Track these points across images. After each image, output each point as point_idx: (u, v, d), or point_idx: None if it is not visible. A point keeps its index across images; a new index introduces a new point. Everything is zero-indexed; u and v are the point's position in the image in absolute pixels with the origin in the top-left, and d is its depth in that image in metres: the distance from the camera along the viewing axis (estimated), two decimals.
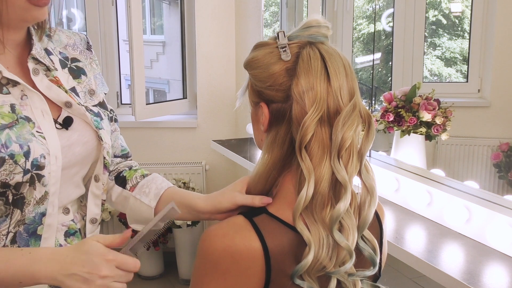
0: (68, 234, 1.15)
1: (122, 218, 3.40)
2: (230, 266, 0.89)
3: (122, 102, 3.88)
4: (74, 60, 1.19)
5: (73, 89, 1.15)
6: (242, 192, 1.03)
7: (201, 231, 3.42)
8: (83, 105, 1.14)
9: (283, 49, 0.91)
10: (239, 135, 3.49)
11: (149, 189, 1.20)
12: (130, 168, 1.29)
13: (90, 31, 3.71)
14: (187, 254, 3.43)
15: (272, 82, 0.92)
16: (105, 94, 1.26)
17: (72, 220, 1.15)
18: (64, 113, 1.10)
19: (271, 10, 3.56)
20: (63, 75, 1.15)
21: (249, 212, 0.93)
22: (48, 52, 1.13)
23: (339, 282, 0.91)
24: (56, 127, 1.07)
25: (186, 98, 3.81)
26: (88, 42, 1.25)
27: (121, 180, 1.25)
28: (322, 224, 0.89)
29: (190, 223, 3.28)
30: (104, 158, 1.16)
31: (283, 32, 0.93)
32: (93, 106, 1.18)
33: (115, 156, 1.30)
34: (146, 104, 3.46)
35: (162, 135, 3.63)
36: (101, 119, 1.17)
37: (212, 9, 3.50)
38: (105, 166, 1.17)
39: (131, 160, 1.35)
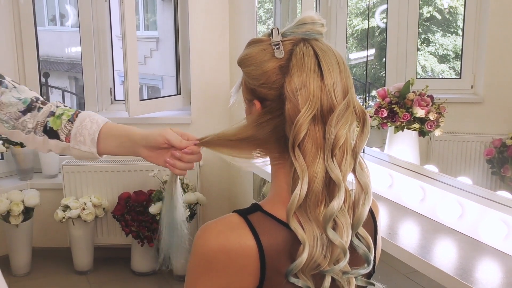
0: None
1: (116, 215, 3.40)
2: (224, 264, 0.89)
3: (116, 99, 3.87)
4: None
5: None
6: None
7: (195, 228, 3.42)
8: None
9: (277, 47, 0.91)
10: None
11: (83, 137, 1.23)
12: (53, 114, 1.26)
13: (83, 27, 3.70)
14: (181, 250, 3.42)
15: (265, 80, 0.91)
16: None
17: None
18: None
19: (265, 6, 3.56)
20: None
21: (244, 210, 0.93)
22: None
23: (333, 280, 0.91)
24: None
25: (180, 94, 3.80)
26: None
27: (51, 133, 1.25)
28: (316, 222, 0.88)
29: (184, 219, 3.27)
30: None
31: (277, 28, 0.93)
32: None
33: (22, 112, 1.26)
34: (140, 100, 3.45)
35: None
36: None
37: (206, 5, 3.49)
38: None
39: (44, 103, 1.29)
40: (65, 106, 1.30)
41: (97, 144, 1.23)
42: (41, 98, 1.31)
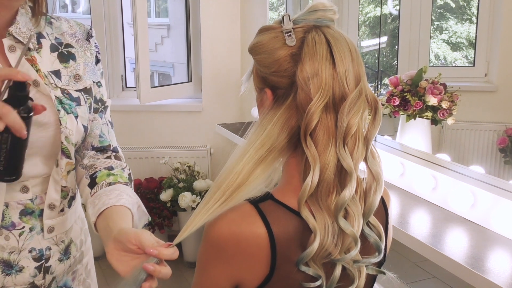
0: (25, 213, 1.16)
1: None
2: (235, 252, 0.89)
3: (127, 86, 3.88)
4: (68, 46, 1.23)
5: (57, 72, 1.18)
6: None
7: None
8: (60, 87, 1.17)
9: (288, 34, 0.90)
10: (244, 118, 3.48)
11: (98, 200, 1.13)
12: (109, 169, 1.23)
13: (94, 14, 3.70)
14: (192, 237, 3.42)
15: (277, 68, 0.90)
16: (96, 83, 1.26)
17: (31, 199, 1.16)
18: (31, 91, 1.11)
19: None
20: (49, 58, 1.18)
21: (255, 199, 0.92)
22: (40, 36, 1.18)
23: (344, 269, 0.91)
24: None
25: (191, 81, 3.80)
26: (88, 33, 1.29)
27: (92, 183, 1.20)
28: (328, 211, 0.88)
29: (195, 206, 3.29)
30: (62, 143, 1.15)
31: (288, 15, 0.92)
32: (75, 90, 1.20)
33: (93, 148, 1.27)
34: (151, 87, 3.46)
35: (167, 119, 3.63)
36: (78, 104, 1.19)
37: None
38: (63, 151, 1.16)
39: (117, 157, 1.29)
40: (129, 174, 1.25)
41: (98, 216, 1.10)
42: (120, 153, 1.30)
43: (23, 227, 1.16)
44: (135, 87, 3.54)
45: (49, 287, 1.23)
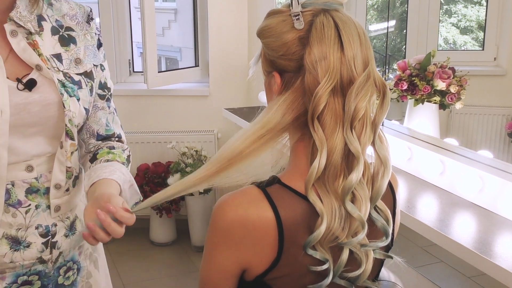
0: (30, 191, 1.20)
1: None
2: (242, 236, 0.89)
3: (134, 70, 3.87)
4: (68, 29, 1.25)
5: (58, 55, 1.21)
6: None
7: (213, 199, 3.45)
8: (62, 71, 1.19)
9: (296, 17, 0.89)
10: (251, 103, 3.48)
11: (94, 173, 1.21)
12: (110, 148, 1.30)
13: None
14: (200, 222, 3.46)
15: (285, 51, 0.90)
16: (99, 66, 1.29)
17: (36, 178, 1.20)
18: (34, 75, 1.15)
19: None
20: (51, 41, 1.20)
21: (262, 183, 0.93)
22: (40, 18, 1.20)
23: (351, 252, 0.91)
24: (18, 88, 1.13)
25: (198, 66, 3.79)
26: (89, 16, 1.30)
27: (93, 158, 1.28)
28: (335, 195, 0.88)
29: (203, 191, 3.30)
30: (66, 125, 1.18)
31: None
32: (76, 74, 1.22)
33: (98, 135, 1.31)
34: (158, 72, 3.45)
35: (174, 103, 3.63)
36: (79, 87, 1.22)
37: None
38: (67, 133, 1.19)
39: (118, 140, 1.35)
40: (128, 156, 1.33)
41: (90, 186, 1.18)
42: (123, 138, 1.36)
43: (29, 205, 1.20)
44: (142, 72, 3.54)
45: (56, 262, 1.26)
